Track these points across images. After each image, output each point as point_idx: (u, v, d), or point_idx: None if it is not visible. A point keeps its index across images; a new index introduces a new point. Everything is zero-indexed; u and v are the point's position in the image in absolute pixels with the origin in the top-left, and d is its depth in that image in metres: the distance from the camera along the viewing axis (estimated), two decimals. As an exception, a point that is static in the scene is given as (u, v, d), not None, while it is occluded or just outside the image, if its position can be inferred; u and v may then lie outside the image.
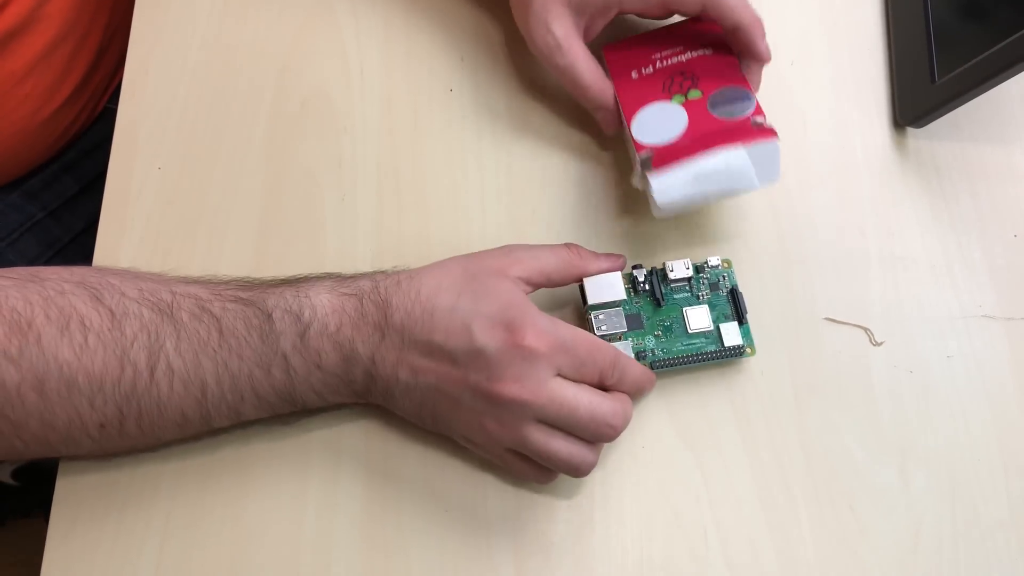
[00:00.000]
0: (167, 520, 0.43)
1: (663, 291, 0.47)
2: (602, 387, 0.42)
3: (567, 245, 0.45)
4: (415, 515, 0.43)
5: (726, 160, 0.45)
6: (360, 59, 0.55)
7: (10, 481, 0.87)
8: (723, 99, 0.47)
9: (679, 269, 0.47)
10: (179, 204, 0.50)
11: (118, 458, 0.44)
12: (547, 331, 0.40)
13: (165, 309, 0.40)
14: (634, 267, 0.48)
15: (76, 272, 0.40)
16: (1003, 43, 0.48)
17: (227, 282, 0.42)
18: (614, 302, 0.46)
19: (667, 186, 0.45)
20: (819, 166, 0.53)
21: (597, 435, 0.41)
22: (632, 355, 0.45)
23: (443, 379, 0.40)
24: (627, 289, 0.47)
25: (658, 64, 0.50)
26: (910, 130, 0.55)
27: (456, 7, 0.57)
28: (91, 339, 0.38)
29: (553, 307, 0.48)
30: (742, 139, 0.45)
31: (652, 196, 0.46)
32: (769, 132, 0.45)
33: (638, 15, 0.52)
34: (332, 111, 0.54)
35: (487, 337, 0.39)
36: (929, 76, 0.52)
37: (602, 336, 0.45)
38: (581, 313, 0.48)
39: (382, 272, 0.43)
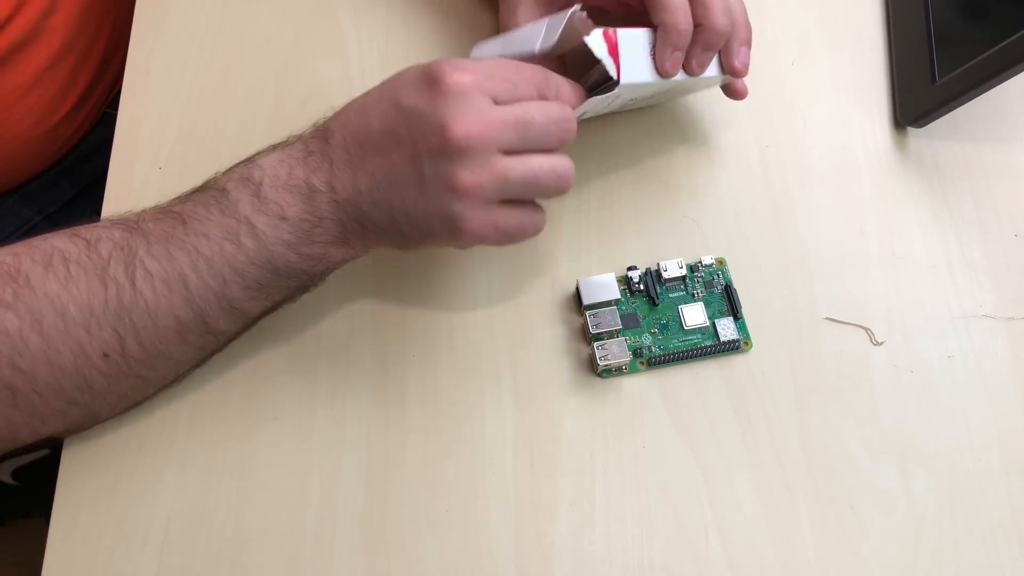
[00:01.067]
0: (168, 520, 0.43)
1: (658, 291, 0.48)
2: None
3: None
4: (415, 515, 0.43)
5: (528, 27, 0.45)
6: (360, 59, 0.55)
7: (10, 481, 0.87)
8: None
9: (673, 268, 0.48)
10: (179, 204, 0.50)
11: (119, 457, 0.44)
12: (468, 65, 0.39)
13: (131, 224, 0.41)
14: (629, 268, 0.48)
15: (56, 232, 0.42)
16: (1003, 43, 0.48)
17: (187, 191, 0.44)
18: (608, 302, 0.47)
19: (480, 47, 0.47)
20: (819, 166, 0.53)
21: (561, 137, 0.41)
22: (629, 352, 0.46)
23: (398, 164, 0.39)
24: (622, 290, 0.48)
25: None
26: (911, 130, 0.55)
27: (456, 6, 0.57)
28: (72, 268, 0.40)
29: (554, 308, 0.48)
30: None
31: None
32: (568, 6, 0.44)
33: (607, 6, 0.50)
34: (332, 111, 0.53)
35: (414, 97, 0.39)
36: (929, 76, 0.52)
37: (597, 334, 0.46)
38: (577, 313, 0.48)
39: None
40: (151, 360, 0.41)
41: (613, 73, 0.43)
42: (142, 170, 0.51)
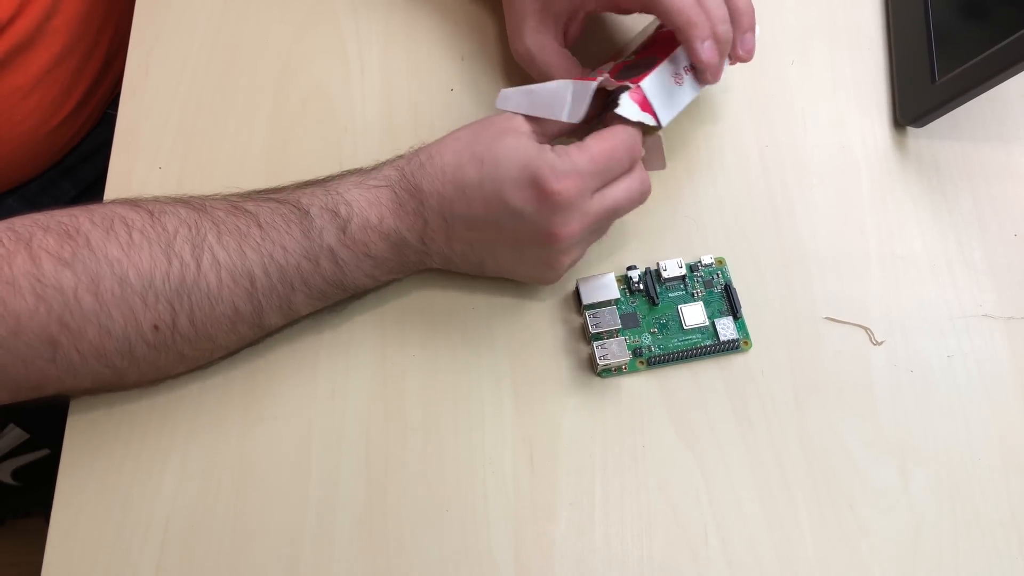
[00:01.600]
0: (168, 520, 0.43)
1: (658, 290, 0.48)
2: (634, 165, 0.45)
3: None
4: (415, 515, 0.43)
5: (554, 87, 0.45)
6: (360, 59, 0.55)
7: (10, 481, 0.87)
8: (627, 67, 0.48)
9: (672, 268, 0.48)
10: (179, 204, 0.50)
11: (119, 457, 0.44)
12: (569, 171, 0.41)
13: (199, 207, 0.41)
14: (628, 268, 0.49)
15: (107, 201, 0.43)
16: (1003, 43, 0.48)
17: (251, 191, 0.44)
18: (608, 301, 0.47)
19: (505, 97, 0.46)
20: (819, 166, 0.53)
21: (638, 205, 0.46)
22: (628, 352, 0.46)
23: (498, 240, 0.43)
24: (622, 290, 0.48)
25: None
26: (910, 130, 0.55)
27: (456, 7, 0.57)
28: (135, 236, 0.40)
29: (553, 308, 0.48)
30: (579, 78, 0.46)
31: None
32: (592, 79, 0.45)
33: (611, 12, 0.52)
34: (332, 111, 0.54)
35: (520, 201, 0.41)
36: (929, 76, 0.52)
37: (596, 334, 0.46)
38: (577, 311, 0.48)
39: (401, 157, 0.44)
40: (197, 340, 0.42)
41: (653, 123, 0.45)
42: (142, 170, 0.51)
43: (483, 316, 0.48)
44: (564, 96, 0.45)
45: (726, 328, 0.47)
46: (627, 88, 0.45)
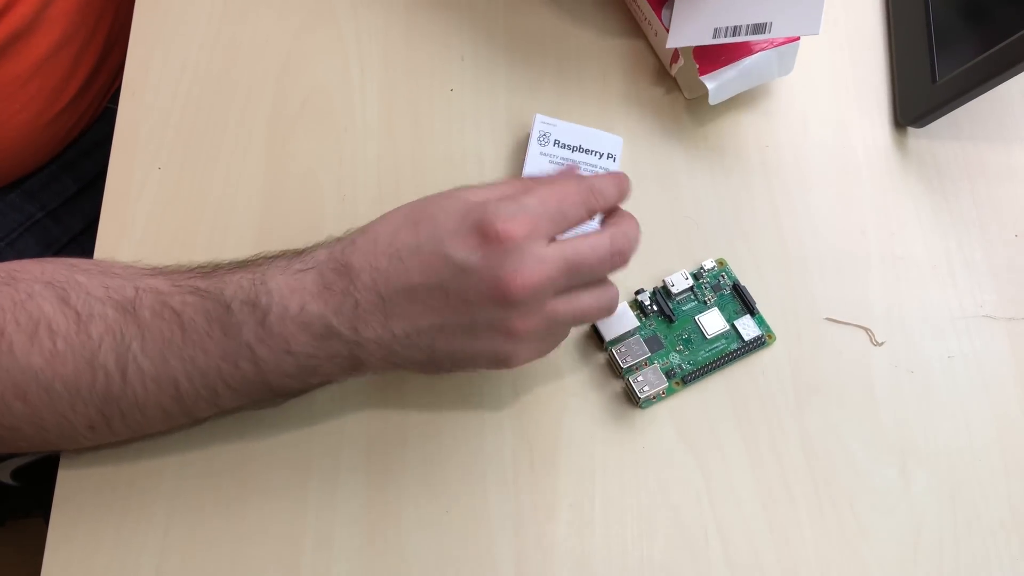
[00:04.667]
0: (168, 520, 0.43)
1: (671, 307, 0.48)
2: (593, 216, 0.40)
3: (519, 179, 0.42)
4: (415, 515, 0.43)
5: (758, 60, 0.51)
6: (360, 59, 0.55)
7: (10, 481, 0.87)
8: None
9: (679, 282, 0.48)
10: (179, 204, 0.50)
11: (118, 458, 0.44)
12: (515, 213, 0.37)
13: (128, 307, 0.38)
14: (637, 292, 0.48)
15: (47, 270, 0.39)
16: (1003, 43, 0.47)
17: (190, 270, 0.41)
18: (629, 332, 0.47)
19: (719, 87, 0.51)
20: (819, 166, 0.53)
21: (614, 267, 0.40)
22: (663, 377, 0.45)
23: (444, 313, 0.38)
24: (637, 315, 0.47)
25: None
26: (911, 130, 0.55)
27: (456, 7, 0.57)
28: (60, 344, 0.37)
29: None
30: (768, 42, 0.51)
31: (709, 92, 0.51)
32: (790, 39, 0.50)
33: None
34: (332, 111, 0.54)
35: (464, 251, 0.37)
36: (930, 76, 0.52)
37: (628, 368, 0.45)
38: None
39: (335, 238, 0.40)
40: (137, 432, 0.41)
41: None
42: (142, 170, 0.51)
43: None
44: (771, 60, 0.50)
45: (747, 327, 0.47)
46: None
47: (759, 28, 0.47)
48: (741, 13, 0.48)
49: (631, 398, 0.46)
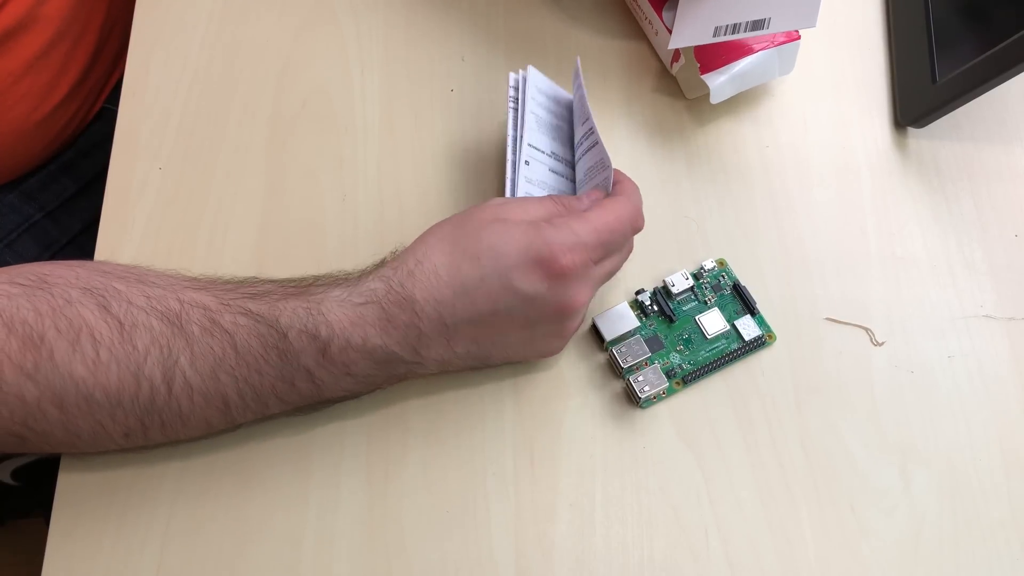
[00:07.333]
0: (168, 520, 0.43)
1: (671, 307, 0.48)
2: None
3: (550, 197, 0.44)
4: (415, 515, 0.43)
5: (759, 59, 0.51)
6: (360, 59, 0.55)
7: (10, 481, 0.87)
8: None
9: (680, 282, 0.48)
10: (179, 204, 0.50)
11: (119, 459, 0.44)
12: (574, 244, 0.40)
13: (174, 320, 0.38)
14: (637, 292, 0.48)
15: (82, 276, 0.39)
16: (1003, 43, 0.48)
17: (234, 286, 0.41)
18: (630, 332, 0.47)
19: (720, 86, 0.51)
20: (820, 166, 0.53)
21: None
22: (664, 377, 0.45)
23: (508, 328, 0.41)
24: (637, 315, 0.47)
25: None
26: (911, 130, 0.55)
27: (456, 7, 0.57)
28: (103, 353, 0.37)
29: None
30: (768, 41, 0.51)
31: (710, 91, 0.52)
32: (792, 32, 0.51)
33: None
34: (332, 111, 0.54)
35: (531, 285, 0.40)
36: (930, 76, 0.52)
37: (628, 367, 0.46)
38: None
39: (386, 266, 0.41)
40: (170, 440, 0.42)
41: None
42: (142, 170, 0.51)
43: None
44: (772, 59, 0.51)
45: (747, 327, 0.47)
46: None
47: (758, 24, 0.47)
48: (740, 11, 0.48)
49: (631, 398, 0.46)
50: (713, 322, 0.47)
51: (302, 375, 0.39)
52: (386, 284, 0.40)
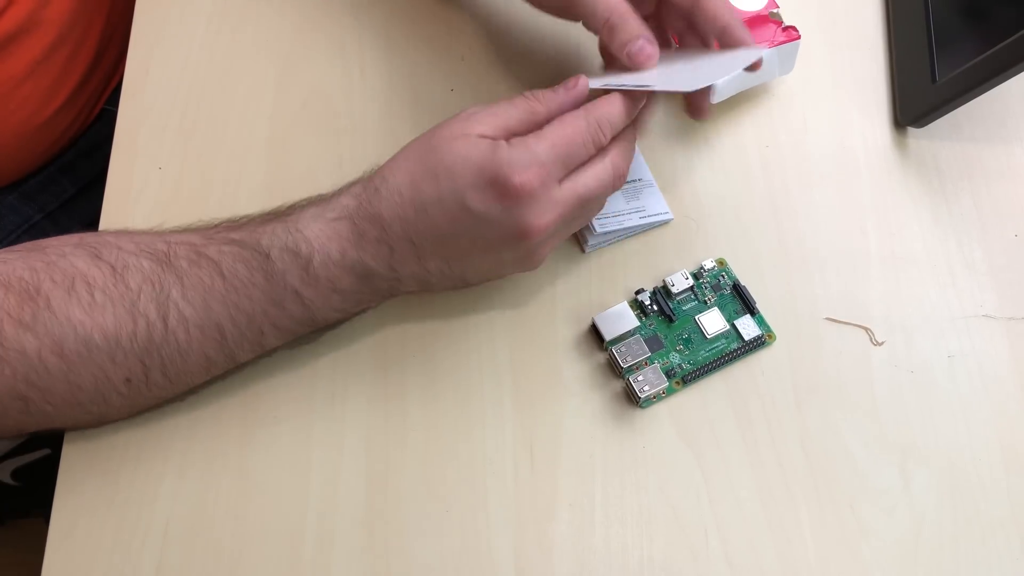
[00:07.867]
0: (168, 520, 0.43)
1: (671, 306, 0.48)
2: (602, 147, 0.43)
3: (524, 94, 0.43)
4: (415, 515, 0.43)
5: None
6: (360, 59, 0.55)
7: (10, 481, 0.87)
8: None
9: (679, 282, 0.48)
10: (179, 204, 0.50)
11: (119, 458, 0.44)
12: (529, 164, 0.39)
13: (163, 258, 0.40)
14: (637, 292, 0.48)
15: (75, 236, 0.41)
16: (1003, 43, 0.48)
17: (216, 225, 0.43)
18: (629, 332, 0.47)
19: (720, 86, 0.51)
20: (819, 166, 0.53)
21: (615, 189, 0.44)
22: (664, 377, 0.45)
23: (472, 253, 0.42)
24: (637, 315, 0.47)
25: None
26: (911, 130, 0.55)
27: (456, 7, 0.57)
28: (98, 296, 0.39)
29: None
30: (768, 41, 0.52)
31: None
32: (792, 32, 0.52)
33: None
34: (332, 111, 0.54)
35: (484, 204, 0.40)
36: (930, 76, 0.52)
37: (628, 367, 0.45)
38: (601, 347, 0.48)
39: (357, 183, 0.43)
40: (172, 387, 0.42)
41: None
42: (142, 170, 0.51)
43: (483, 319, 0.48)
44: (772, 59, 0.51)
45: (747, 327, 0.47)
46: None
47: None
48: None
49: (631, 398, 0.46)
50: (713, 322, 0.47)
51: (291, 296, 0.41)
52: (356, 200, 0.42)
